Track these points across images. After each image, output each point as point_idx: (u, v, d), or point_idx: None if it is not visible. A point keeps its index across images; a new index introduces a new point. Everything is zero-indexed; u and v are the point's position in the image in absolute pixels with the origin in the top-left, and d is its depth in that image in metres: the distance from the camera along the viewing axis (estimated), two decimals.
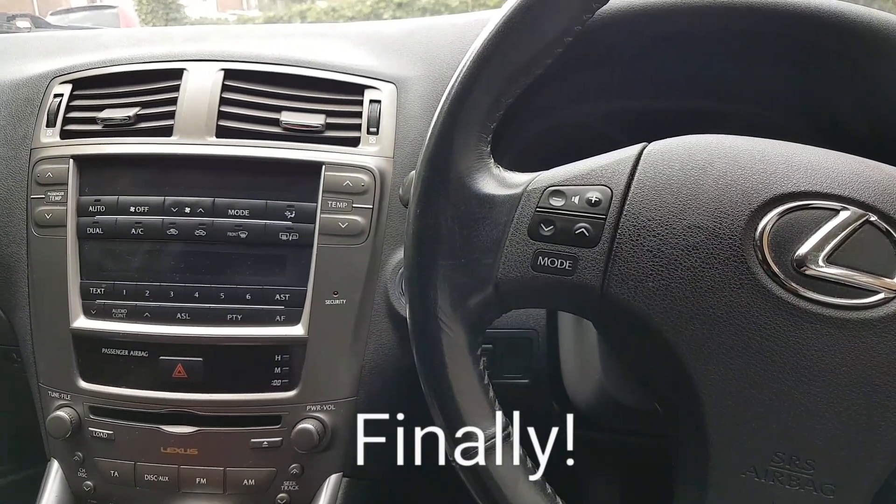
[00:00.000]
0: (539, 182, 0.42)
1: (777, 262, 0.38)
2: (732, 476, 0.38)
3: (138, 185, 0.65)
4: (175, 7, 9.03)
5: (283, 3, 9.89)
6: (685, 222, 0.39)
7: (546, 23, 0.40)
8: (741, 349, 0.37)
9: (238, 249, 0.64)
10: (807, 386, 0.37)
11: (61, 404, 0.67)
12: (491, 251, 0.41)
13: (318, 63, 0.70)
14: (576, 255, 0.40)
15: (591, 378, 0.60)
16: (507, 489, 0.40)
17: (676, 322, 0.38)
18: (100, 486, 0.68)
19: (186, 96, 0.66)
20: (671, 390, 0.41)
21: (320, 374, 0.65)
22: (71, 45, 0.80)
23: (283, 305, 0.64)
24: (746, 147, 0.41)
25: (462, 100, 0.41)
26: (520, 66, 0.41)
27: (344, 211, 0.64)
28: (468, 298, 0.41)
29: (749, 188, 0.39)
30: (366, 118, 0.67)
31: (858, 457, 0.38)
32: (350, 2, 7.98)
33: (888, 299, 0.37)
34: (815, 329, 0.37)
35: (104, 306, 0.65)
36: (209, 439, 0.65)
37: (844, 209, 0.38)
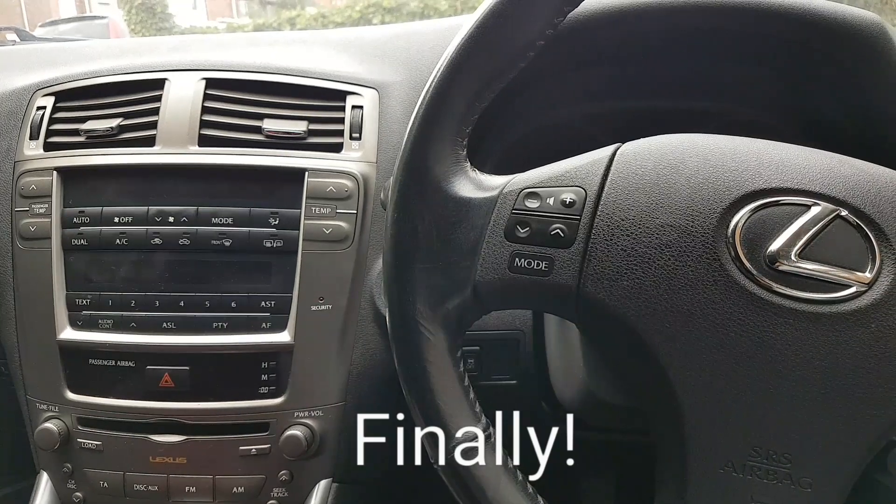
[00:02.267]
0: (515, 184, 0.42)
1: (750, 258, 0.38)
2: (710, 471, 0.39)
3: (122, 196, 0.66)
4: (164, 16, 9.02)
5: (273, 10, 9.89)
6: (658, 221, 0.39)
7: (518, 27, 0.40)
8: (716, 345, 0.38)
9: (223, 257, 0.64)
10: (782, 380, 0.37)
11: (49, 416, 0.67)
12: (468, 254, 0.41)
13: (300, 70, 0.70)
14: (551, 255, 0.40)
15: (576, 377, 0.60)
16: (488, 490, 0.41)
17: (651, 320, 0.38)
18: (89, 497, 0.68)
19: (168, 106, 0.67)
20: (649, 387, 0.41)
21: (308, 381, 0.65)
22: (54, 57, 0.80)
23: (268, 312, 0.64)
24: (718, 145, 0.41)
25: (437, 105, 0.41)
26: (493, 70, 0.41)
27: (328, 217, 0.64)
28: (447, 301, 0.42)
29: (721, 186, 0.39)
30: (348, 124, 0.67)
31: (835, 450, 0.38)
32: (339, 8, 7.99)
33: (860, 293, 0.37)
34: (788, 324, 0.37)
35: (90, 317, 0.65)
36: (198, 448, 0.65)
37: (816, 205, 0.38)
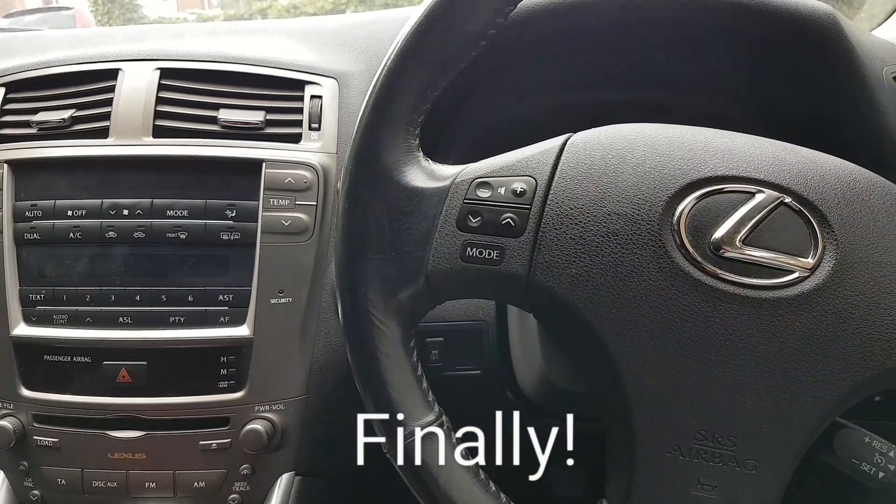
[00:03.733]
0: (467, 174, 0.42)
1: (695, 245, 0.39)
2: (658, 455, 0.39)
3: (75, 189, 0.64)
4: (132, 7, 8.82)
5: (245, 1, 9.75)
6: (605, 210, 0.39)
7: (467, 16, 0.40)
8: (662, 331, 0.38)
9: (178, 251, 0.63)
10: (726, 365, 0.38)
11: (4, 413, 0.65)
12: (420, 244, 0.41)
13: (257, 59, 0.69)
14: (502, 245, 0.40)
15: (535, 365, 0.60)
16: (440, 478, 0.41)
17: (599, 307, 0.39)
18: (47, 495, 0.67)
19: (122, 97, 0.66)
20: (598, 373, 0.42)
21: (268, 375, 0.64)
22: (6, 47, 0.78)
23: (227, 306, 0.63)
24: (666, 134, 0.41)
25: (387, 94, 0.41)
26: (443, 59, 0.41)
27: (287, 208, 0.63)
28: (399, 291, 0.42)
29: (667, 174, 0.39)
30: (307, 114, 0.67)
31: (778, 432, 0.39)
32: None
33: (802, 278, 0.38)
34: (733, 309, 0.38)
35: (44, 312, 0.63)
36: (157, 443, 0.64)
37: (760, 192, 0.39)
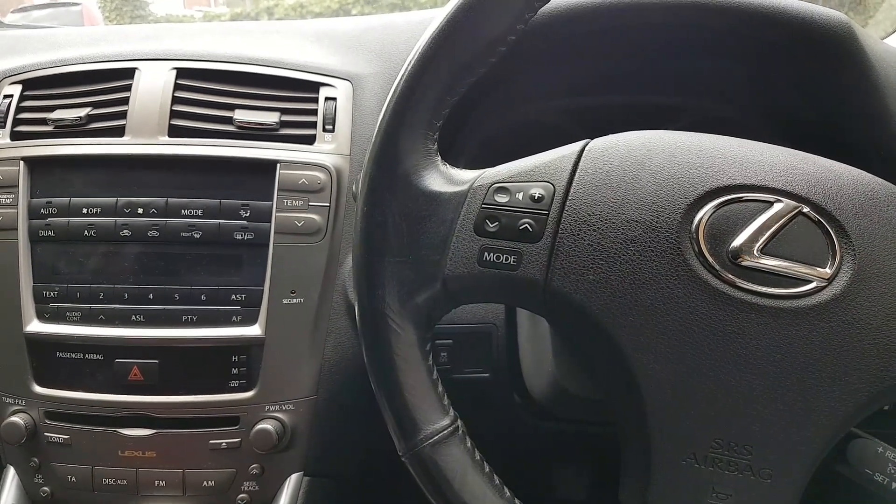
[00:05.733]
0: (484, 179, 0.42)
1: (713, 253, 0.39)
2: (673, 463, 0.39)
3: (90, 187, 0.65)
4: (140, 4, 8.85)
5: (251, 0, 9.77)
6: (623, 217, 0.39)
7: (488, 22, 0.40)
8: (679, 339, 0.38)
9: (192, 250, 0.63)
10: (743, 374, 0.38)
11: (16, 409, 0.65)
12: (438, 248, 0.41)
13: (273, 61, 0.69)
14: (520, 250, 0.40)
15: (546, 370, 0.61)
16: (455, 482, 0.41)
17: (616, 314, 0.39)
18: (57, 492, 0.67)
19: (138, 96, 0.66)
20: (614, 380, 0.42)
21: (279, 374, 0.65)
22: (22, 44, 0.78)
23: (239, 306, 0.63)
24: (684, 142, 0.42)
25: (407, 98, 0.41)
26: (463, 64, 0.41)
27: (300, 209, 0.64)
28: (416, 295, 0.42)
29: (685, 182, 0.40)
30: (321, 116, 0.67)
31: (794, 442, 0.39)
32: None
33: (820, 288, 0.38)
34: (750, 318, 0.38)
35: (58, 310, 0.64)
36: (167, 441, 0.64)
37: (778, 201, 0.39)
